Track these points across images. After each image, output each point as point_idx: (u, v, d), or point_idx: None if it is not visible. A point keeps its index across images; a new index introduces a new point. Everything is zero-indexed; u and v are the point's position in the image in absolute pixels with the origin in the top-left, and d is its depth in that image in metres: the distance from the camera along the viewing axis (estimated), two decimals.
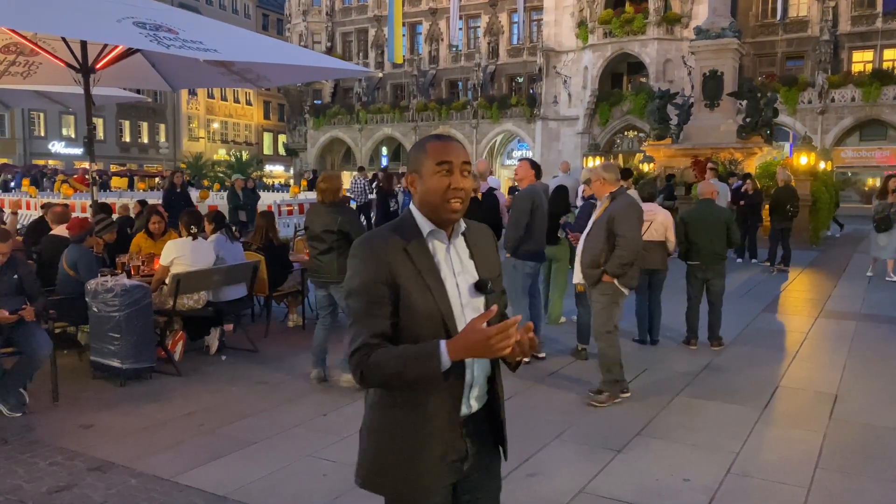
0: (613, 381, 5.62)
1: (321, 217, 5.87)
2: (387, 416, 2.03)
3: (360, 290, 1.93)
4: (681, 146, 19.87)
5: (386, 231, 2.02)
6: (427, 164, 2.00)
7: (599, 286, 5.59)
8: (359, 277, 1.94)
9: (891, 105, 33.62)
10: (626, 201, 5.58)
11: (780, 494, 4.05)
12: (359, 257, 1.97)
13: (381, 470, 2.05)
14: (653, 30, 36.25)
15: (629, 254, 5.44)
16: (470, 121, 43.57)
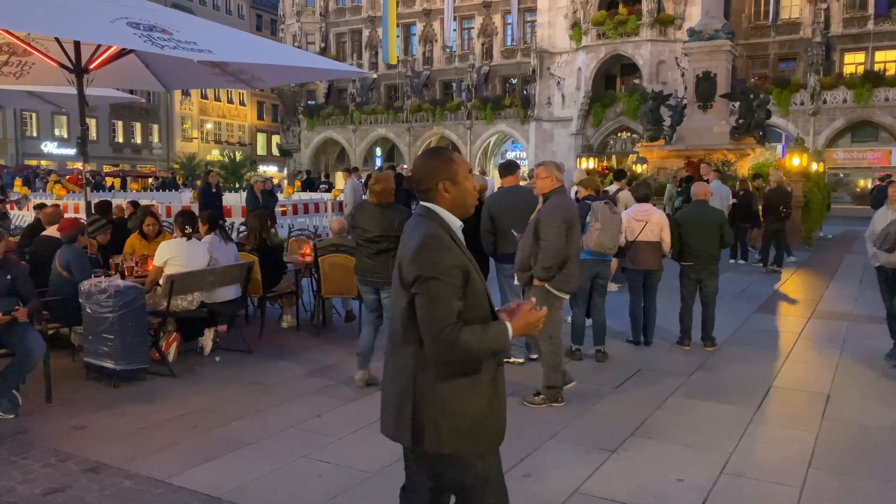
0: (553, 385, 5.57)
1: (377, 219, 5.76)
2: (467, 386, 2.40)
3: (443, 275, 2.30)
4: (674, 147, 19.91)
5: (436, 227, 2.41)
6: (461, 172, 2.49)
7: (533, 289, 5.51)
8: (441, 265, 2.31)
9: (882, 107, 33.82)
10: (555, 203, 5.50)
11: (774, 494, 4.07)
12: (436, 248, 2.34)
13: (471, 430, 2.41)
14: (646, 31, 36.36)
15: (548, 258, 5.41)
16: (464, 122, 43.62)
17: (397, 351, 2.49)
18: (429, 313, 2.30)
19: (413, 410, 2.42)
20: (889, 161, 34.39)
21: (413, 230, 2.45)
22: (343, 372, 6.41)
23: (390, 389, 2.54)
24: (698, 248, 7.39)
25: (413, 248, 2.36)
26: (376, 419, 5.14)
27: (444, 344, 2.27)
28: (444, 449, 2.41)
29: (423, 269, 2.31)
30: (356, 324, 7.96)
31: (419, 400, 2.41)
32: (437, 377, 2.39)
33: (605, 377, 6.38)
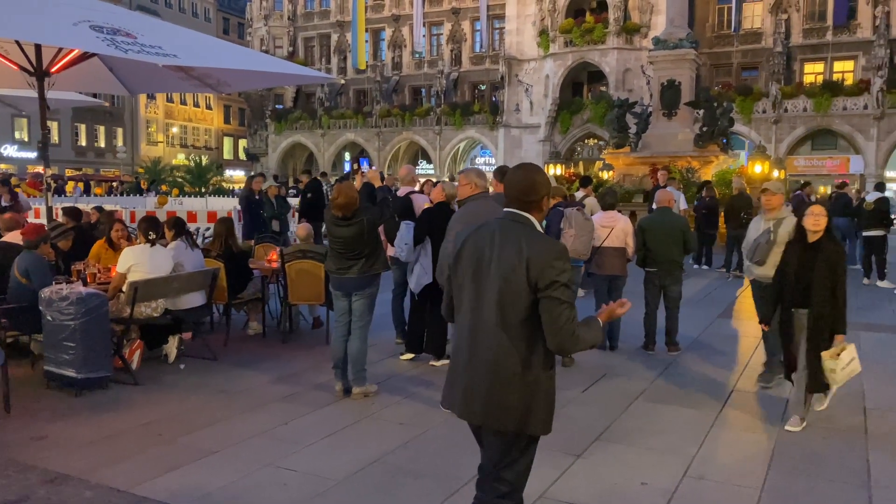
0: None
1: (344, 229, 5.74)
2: (552, 376, 2.81)
3: (570, 282, 2.71)
4: (639, 154, 20.20)
5: (547, 236, 2.87)
6: (550, 196, 2.94)
7: None
8: (568, 273, 2.70)
9: (840, 115, 34.67)
10: (461, 212, 5.56)
11: (735, 496, 4.15)
12: (567, 259, 2.73)
13: (546, 417, 2.80)
14: (612, 39, 36.82)
15: (440, 264, 5.47)
16: (433, 127, 43.70)
17: (495, 341, 2.74)
18: (561, 315, 2.65)
19: (521, 398, 2.72)
20: (847, 168, 35.25)
21: (529, 236, 2.75)
22: (310, 379, 6.38)
23: (484, 377, 2.76)
24: (662, 254, 7.51)
25: (554, 255, 2.69)
26: (344, 426, 5.20)
27: (572, 340, 2.67)
28: (545, 431, 2.84)
29: (559, 276, 2.66)
30: (323, 331, 7.92)
31: (527, 388, 2.72)
32: (542, 368, 2.75)
33: (572, 381, 6.43)
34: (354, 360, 5.87)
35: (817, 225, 5.10)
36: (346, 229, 5.72)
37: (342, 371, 5.93)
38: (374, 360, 6.69)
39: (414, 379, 6.48)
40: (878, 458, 4.73)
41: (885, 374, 6.82)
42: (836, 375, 5.01)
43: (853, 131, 34.59)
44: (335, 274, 5.91)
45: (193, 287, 6.91)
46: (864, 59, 35.11)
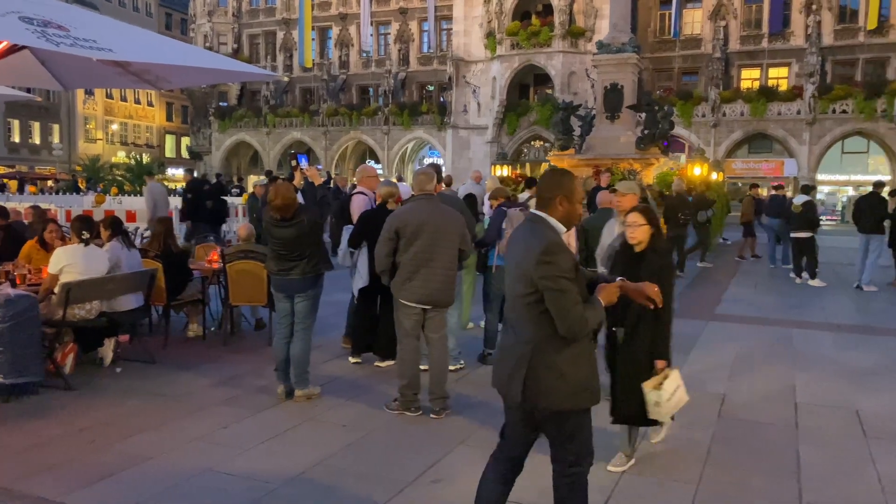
0: (406, 391, 5.54)
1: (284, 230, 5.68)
2: (577, 356, 3.05)
3: (568, 272, 2.93)
4: (584, 156, 20.47)
5: (552, 234, 3.03)
6: (576, 195, 3.11)
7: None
8: (566, 265, 2.93)
9: (775, 120, 35.85)
10: (396, 211, 5.67)
11: (672, 492, 4.25)
12: (561, 252, 2.96)
13: (584, 390, 3.09)
14: (558, 43, 37.27)
15: (376, 263, 5.54)
16: (381, 127, 43.52)
17: (516, 328, 3.15)
18: (564, 303, 2.93)
19: (526, 376, 3.05)
20: (782, 171, 36.47)
21: (532, 235, 3.05)
22: (251, 382, 6.27)
23: (508, 357, 3.17)
24: None
25: (540, 251, 2.94)
26: (286, 429, 5.13)
27: (579, 323, 2.95)
28: (562, 406, 3.08)
29: (554, 270, 2.92)
30: (266, 332, 7.80)
31: (536, 369, 3.04)
32: (556, 350, 3.02)
33: None
34: (297, 362, 5.80)
35: (633, 237, 4.43)
36: (287, 230, 5.65)
37: (284, 373, 5.85)
38: (319, 361, 6.62)
39: (359, 381, 6.43)
40: (807, 451, 4.90)
41: (815, 370, 7.07)
42: (661, 409, 4.29)
43: (787, 135, 35.81)
44: (277, 275, 5.83)
45: (130, 288, 6.72)
46: (798, 66, 36.39)
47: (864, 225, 12.88)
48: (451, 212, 5.75)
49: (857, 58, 36.07)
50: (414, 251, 5.41)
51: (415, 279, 5.42)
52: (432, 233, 5.43)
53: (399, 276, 5.49)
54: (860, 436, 5.25)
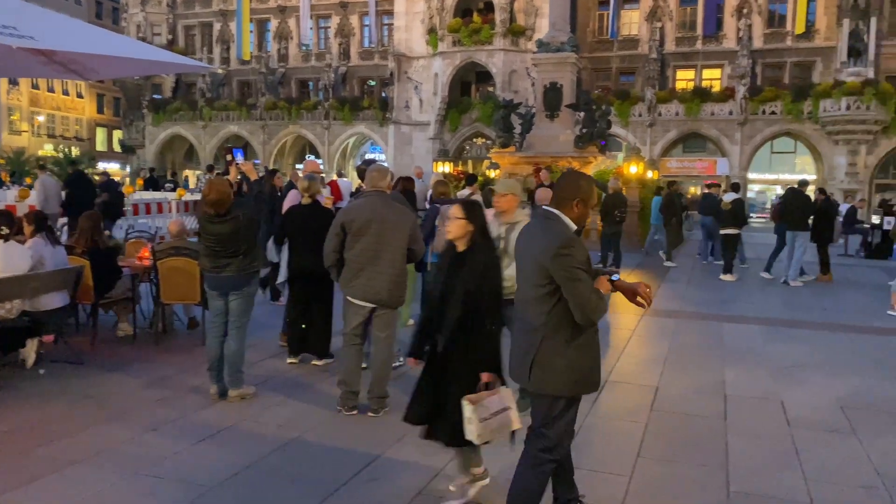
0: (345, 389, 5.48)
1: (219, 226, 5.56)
2: (582, 345, 3.28)
3: (583, 264, 3.20)
4: (524, 154, 20.69)
5: (566, 229, 3.28)
6: (591, 201, 3.36)
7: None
8: (581, 257, 3.19)
9: (709, 120, 36.91)
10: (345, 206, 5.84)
11: (605, 483, 4.32)
12: (577, 245, 3.21)
13: (585, 379, 3.33)
14: (499, 41, 37.50)
15: (324, 259, 5.52)
16: (321, 122, 43.00)
17: (526, 318, 3.35)
18: (582, 291, 3.17)
19: (533, 363, 3.28)
20: (715, 170, 37.57)
21: (547, 230, 3.29)
22: (183, 382, 6.11)
23: (521, 345, 3.39)
24: None
25: (558, 245, 3.17)
26: (218, 430, 5.01)
27: (596, 311, 3.19)
28: (565, 392, 3.31)
29: (572, 262, 3.16)
30: (199, 331, 7.60)
31: (544, 356, 3.27)
32: (566, 341, 3.25)
33: None
34: (231, 361, 5.67)
35: (448, 231, 3.94)
36: (220, 226, 5.52)
37: (218, 373, 5.72)
38: (254, 360, 6.49)
39: (294, 379, 6.33)
40: (735, 442, 5.06)
41: (744, 363, 7.31)
42: (474, 427, 3.62)
43: (720, 135, 36.91)
44: (210, 272, 5.69)
45: (54, 286, 6.45)
46: (730, 68, 37.54)
47: (790, 222, 13.37)
48: (402, 209, 5.68)
49: (785, 61, 37.44)
50: (360, 248, 5.33)
51: (361, 276, 5.34)
52: (379, 230, 5.34)
53: (346, 273, 5.42)
54: (785, 426, 5.45)
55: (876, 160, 34.76)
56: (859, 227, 20.42)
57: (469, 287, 3.78)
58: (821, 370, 7.13)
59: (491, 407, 3.66)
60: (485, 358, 3.80)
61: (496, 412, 3.67)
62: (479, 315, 3.77)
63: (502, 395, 3.74)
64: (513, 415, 3.75)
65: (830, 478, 4.49)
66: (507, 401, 3.75)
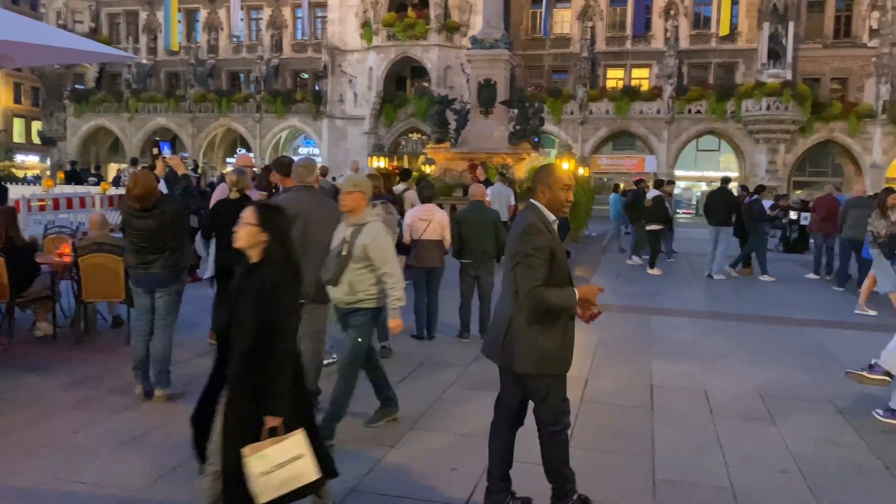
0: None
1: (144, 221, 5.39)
2: (547, 329, 3.50)
3: (536, 251, 3.40)
4: (459, 150, 20.75)
5: (535, 218, 3.50)
6: (556, 183, 3.55)
7: None
8: (535, 244, 3.42)
9: (637, 119, 37.86)
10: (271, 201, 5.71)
11: (538, 475, 4.37)
12: (534, 233, 3.44)
13: (551, 358, 3.55)
14: (434, 36, 37.52)
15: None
16: (253, 114, 42.12)
17: (504, 299, 3.65)
18: (525, 277, 3.41)
19: (504, 342, 3.56)
20: (643, 167, 38.53)
21: (519, 220, 3.59)
22: (107, 383, 5.90)
23: (496, 325, 3.70)
24: (476, 246, 7.78)
25: (518, 232, 3.48)
26: (143, 432, 4.87)
27: (533, 298, 3.40)
28: (528, 370, 3.56)
29: (524, 248, 3.42)
30: (124, 330, 7.36)
31: (512, 335, 3.53)
32: (527, 322, 3.48)
33: (389, 372, 6.41)
34: (157, 360, 5.51)
35: (238, 238, 3.21)
36: (146, 221, 5.35)
37: (143, 373, 5.55)
38: (182, 359, 6.32)
39: None
40: (660, 431, 5.22)
41: (671, 353, 7.54)
42: (260, 483, 3.02)
43: (648, 133, 37.91)
44: (136, 269, 5.51)
45: None
46: (658, 68, 38.57)
47: (714, 218, 13.86)
48: (331, 204, 5.62)
49: (709, 62, 38.71)
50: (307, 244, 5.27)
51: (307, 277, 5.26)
52: (306, 225, 5.27)
53: None
54: (708, 415, 5.65)
55: (794, 158, 36.37)
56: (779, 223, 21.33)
57: (251, 310, 3.08)
58: (742, 360, 7.42)
59: (275, 457, 3.05)
60: (267, 397, 3.10)
61: (282, 463, 3.07)
62: (254, 340, 3.06)
63: (291, 443, 3.11)
64: (305, 465, 3.14)
65: (750, 463, 4.68)
66: (297, 449, 3.12)
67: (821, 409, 5.90)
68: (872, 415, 5.65)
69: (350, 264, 4.60)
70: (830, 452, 4.94)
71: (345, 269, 4.63)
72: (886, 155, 35.35)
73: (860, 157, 35.75)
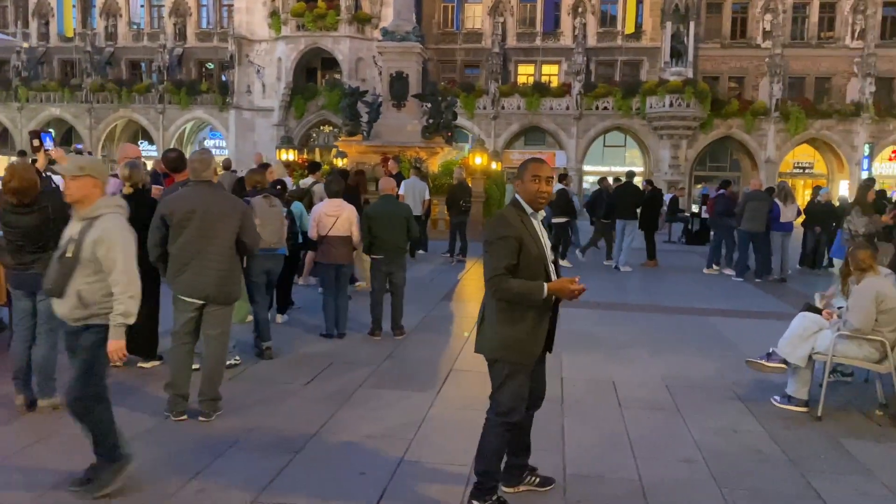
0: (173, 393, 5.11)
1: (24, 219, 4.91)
2: (516, 318, 3.60)
3: (502, 240, 3.52)
4: (371, 143, 20.54)
5: (509, 210, 3.66)
6: (527, 176, 3.63)
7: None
8: (500, 233, 3.54)
9: (548, 114, 38.53)
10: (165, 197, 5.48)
11: (447, 477, 4.28)
12: (501, 223, 3.58)
13: (512, 346, 3.62)
14: (345, 27, 36.97)
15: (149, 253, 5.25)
16: (155, 105, 40.36)
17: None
18: (488, 263, 3.58)
19: (479, 329, 3.75)
20: (554, 162, 39.21)
21: (498, 211, 3.97)
22: None
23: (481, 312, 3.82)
24: (387, 241, 7.62)
25: (489, 222, 3.66)
26: (24, 446, 4.47)
27: (492, 284, 3.54)
28: (489, 355, 3.70)
29: (490, 236, 3.58)
30: (5, 335, 6.81)
31: (484, 321, 3.71)
32: (497, 309, 3.61)
33: (296, 374, 6.26)
34: (41, 367, 5.10)
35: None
36: (26, 218, 4.92)
37: (25, 381, 5.13)
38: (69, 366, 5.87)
39: (117, 384, 5.75)
40: (570, 424, 5.23)
41: (579, 345, 7.60)
42: None
43: (558, 129, 38.64)
44: (15, 270, 5.07)
45: None
46: (567, 65, 39.34)
47: (621, 211, 14.19)
48: (230, 199, 5.36)
49: (616, 59, 39.76)
50: (183, 241, 5.00)
51: (186, 272, 5.00)
52: (202, 221, 5.01)
53: (171, 269, 5.08)
54: (616, 406, 5.71)
55: (695, 153, 37.88)
56: (681, 216, 22.17)
57: None
58: (647, 350, 7.58)
59: None
60: None
61: None
62: None
63: None
64: None
65: (657, 454, 4.74)
66: None
67: (722, 396, 6.07)
68: (770, 401, 5.85)
69: (78, 269, 3.76)
70: (732, 440, 5.07)
71: (70, 275, 3.77)
72: (779, 150, 37.35)
73: (756, 152, 37.62)
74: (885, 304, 5.34)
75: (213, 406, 5.10)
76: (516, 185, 3.69)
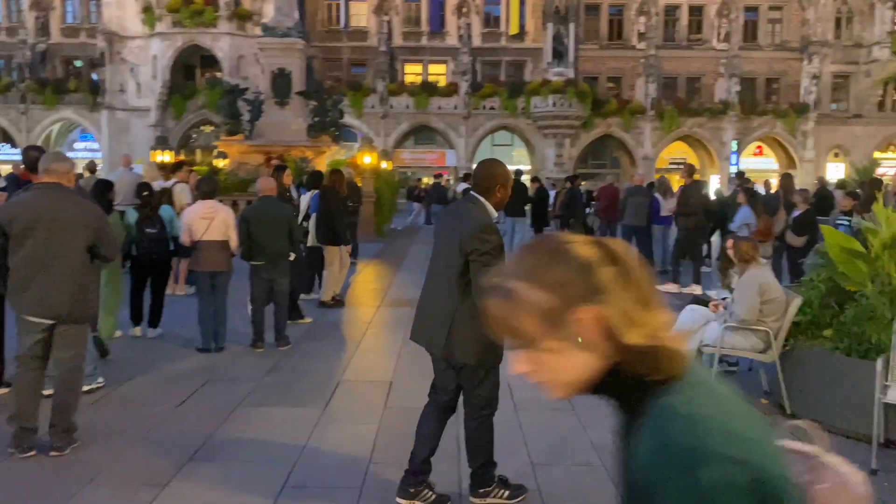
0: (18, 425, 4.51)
1: None
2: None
3: (494, 250, 3.50)
4: (254, 142, 19.74)
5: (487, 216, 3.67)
6: (509, 183, 3.77)
7: None
8: (493, 243, 3.53)
9: (437, 114, 38.58)
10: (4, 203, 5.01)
11: (335, 500, 3.95)
12: (492, 232, 3.58)
13: (492, 349, 3.56)
14: (224, 24, 35.48)
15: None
16: (17, 105, 37.35)
17: (443, 289, 3.70)
18: (483, 275, 3.20)
19: (448, 332, 3.63)
20: (444, 161, 39.44)
21: (469, 213, 3.67)
22: None
23: (432, 315, 3.79)
24: (268, 245, 7.16)
25: (478, 229, 3.52)
26: None
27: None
28: (468, 361, 3.66)
29: (482, 245, 3.49)
30: None
31: (456, 327, 3.61)
32: (471, 315, 3.45)
33: (168, 395, 5.71)
34: None
35: None
36: None
37: None
38: None
39: None
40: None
41: None
42: None
43: (447, 128, 38.77)
44: None
45: None
46: (454, 65, 39.53)
47: (509, 209, 14.23)
48: (83, 205, 4.76)
49: (500, 59, 40.33)
50: (25, 253, 4.40)
51: (32, 288, 4.40)
52: (49, 230, 4.41)
53: (13, 284, 4.47)
54: (512, 410, 5.53)
55: (578, 151, 39.02)
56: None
57: None
58: None
59: None
60: None
61: None
62: None
63: None
64: None
65: (554, 458, 4.60)
66: None
67: None
68: None
69: None
70: None
71: None
72: (655, 147, 39.08)
73: (634, 149, 39.19)
74: (767, 295, 5.45)
75: (67, 438, 4.52)
76: (498, 189, 3.73)
